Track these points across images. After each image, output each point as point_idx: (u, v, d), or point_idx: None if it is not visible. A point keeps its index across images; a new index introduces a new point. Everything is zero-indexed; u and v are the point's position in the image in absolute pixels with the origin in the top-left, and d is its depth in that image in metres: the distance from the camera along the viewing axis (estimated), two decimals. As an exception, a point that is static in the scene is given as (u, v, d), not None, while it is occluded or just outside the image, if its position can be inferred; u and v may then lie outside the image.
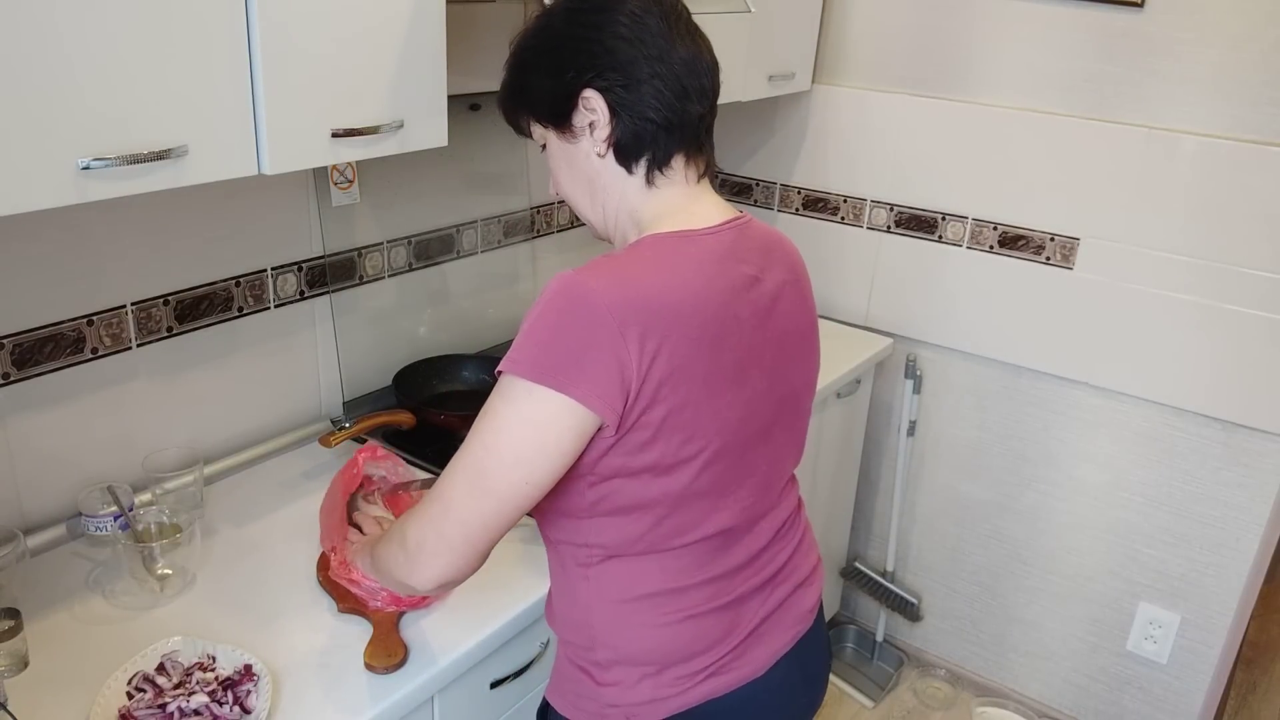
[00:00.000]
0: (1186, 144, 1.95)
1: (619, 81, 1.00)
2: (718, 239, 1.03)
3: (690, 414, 0.96)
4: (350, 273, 1.73)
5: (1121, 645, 2.29)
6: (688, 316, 0.95)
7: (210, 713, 1.06)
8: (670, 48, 1.01)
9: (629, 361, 0.91)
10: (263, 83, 1.10)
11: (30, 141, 0.92)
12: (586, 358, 0.91)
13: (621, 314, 0.91)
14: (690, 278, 0.97)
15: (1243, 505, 2.06)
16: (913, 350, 2.41)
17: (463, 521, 0.95)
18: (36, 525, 1.36)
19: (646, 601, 1.03)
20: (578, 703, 1.10)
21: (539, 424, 0.93)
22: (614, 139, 1.02)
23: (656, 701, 1.05)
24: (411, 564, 0.98)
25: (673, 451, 0.97)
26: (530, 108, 1.08)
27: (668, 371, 0.93)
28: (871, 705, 2.49)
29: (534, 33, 1.07)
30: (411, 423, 1.67)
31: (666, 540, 1.01)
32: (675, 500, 0.99)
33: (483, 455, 0.95)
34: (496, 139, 1.94)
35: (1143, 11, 1.94)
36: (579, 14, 1.03)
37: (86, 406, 1.39)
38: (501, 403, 0.95)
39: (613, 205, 1.07)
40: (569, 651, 1.11)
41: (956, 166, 2.23)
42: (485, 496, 0.94)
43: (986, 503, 2.41)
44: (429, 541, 0.97)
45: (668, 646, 1.04)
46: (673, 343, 0.93)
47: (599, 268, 0.95)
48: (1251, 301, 1.94)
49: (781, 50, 2.20)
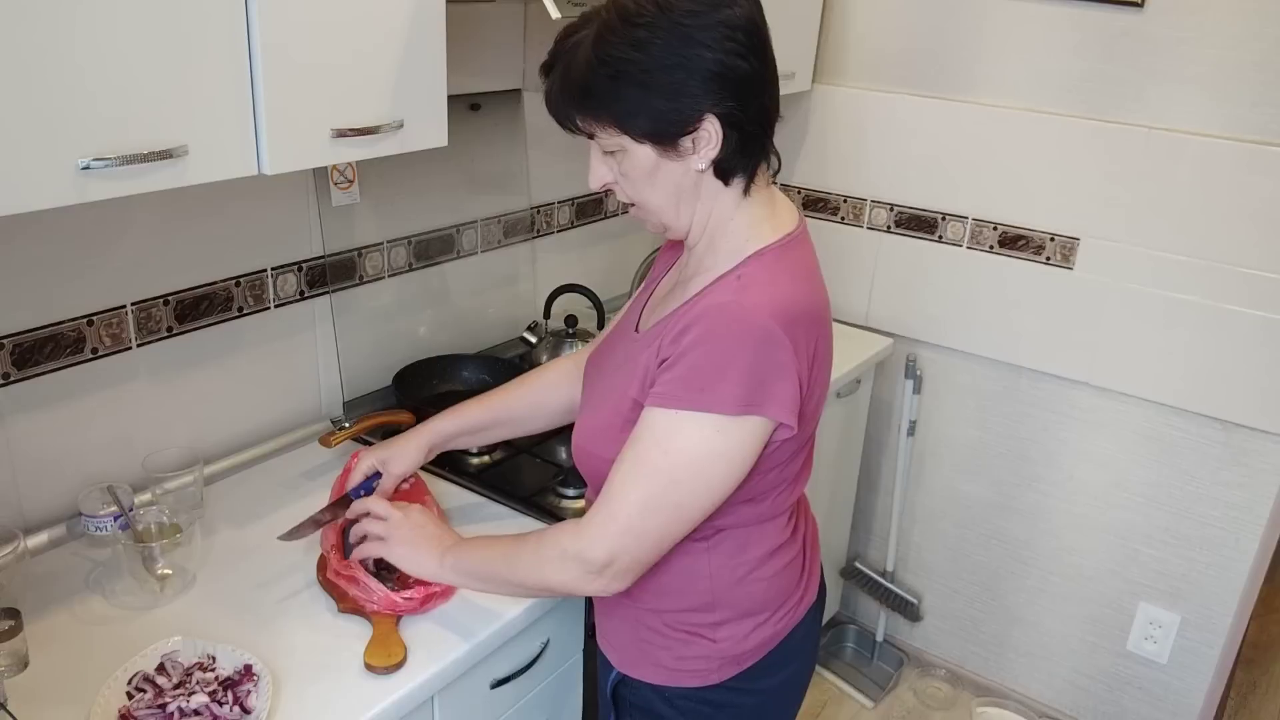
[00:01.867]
0: (1186, 144, 1.95)
1: (737, 105, 0.99)
2: (807, 241, 1.12)
3: (820, 403, 1.11)
4: (350, 273, 1.73)
5: (1121, 645, 2.29)
6: (820, 316, 1.07)
7: (210, 713, 1.06)
8: (769, 55, 1.03)
9: (802, 369, 1.01)
10: (263, 83, 1.10)
11: (31, 141, 0.92)
12: (771, 377, 0.99)
13: (789, 328, 0.99)
14: (814, 282, 1.09)
15: (1243, 505, 2.06)
16: (913, 350, 2.41)
17: (655, 545, 1.04)
18: (36, 525, 1.36)
19: (760, 560, 1.15)
20: (680, 665, 1.16)
21: (735, 452, 1.01)
22: (720, 157, 1.02)
23: (762, 644, 1.17)
24: (599, 579, 1.05)
25: (806, 436, 1.10)
26: (621, 121, 1.00)
27: (818, 370, 1.06)
28: (871, 705, 2.49)
29: (635, 42, 0.96)
30: (411, 422, 1.67)
31: (779, 509, 1.15)
32: (795, 477, 1.14)
33: (673, 490, 1.01)
34: (496, 139, 1.94)
35: (1143, 11, 1.94)
36: (692, 28, 0.96)
37: (86, 407, 1.39)
38: (689, 439, 0.99)
39: (704, 213, 1.08)
40: (672, 620, 1.16)
41: (956, 166, 2.23)
42: (676, 523, 1.04)
43: (987, 503, 2.41)
44: (621, 562, 1.04)
45: (775, 595, 1.17)
46: (819, 343, 1.05)
47: (750, 289, 1.01)
48: (1252, 301, 1.94)
49: (781, 50, 2.17)
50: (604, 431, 1.11)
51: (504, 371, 1.88)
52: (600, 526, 1.04)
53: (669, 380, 1.00)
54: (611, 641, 1.24)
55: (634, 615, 1.18)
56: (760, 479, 1.08)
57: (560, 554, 1.06)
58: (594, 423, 1.15)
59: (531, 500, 1.53)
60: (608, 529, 1.03)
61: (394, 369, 1.80)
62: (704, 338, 0.98)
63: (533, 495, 1.55)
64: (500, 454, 1.69)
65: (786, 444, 1.06)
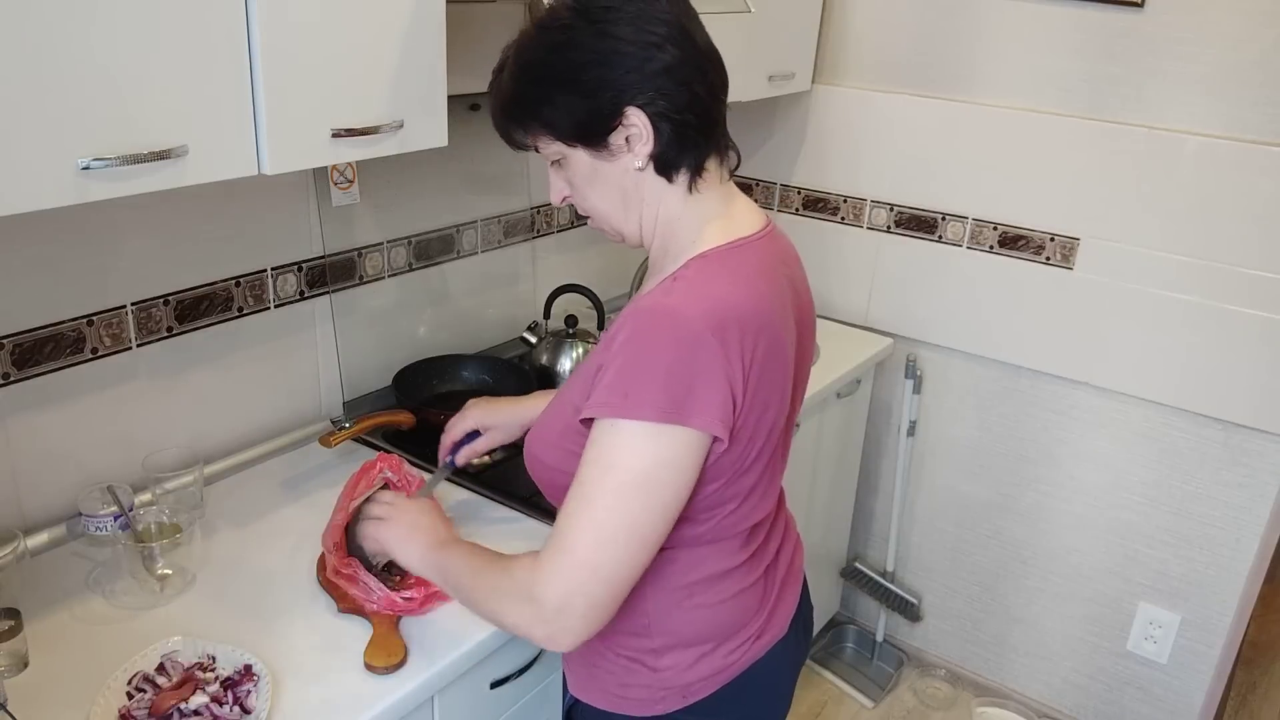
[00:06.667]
0: (1186, 144, 1.95)
1: (661, 94, 0.96)
2: (765, 246, 1.05)
3: (767, 415, 1.01)
4: (350, 273, 1.73)
5: (1121, 645, 2.29)
6: (765, 323, 0.98)
7: (210, 713, 1.06)
8: (696, 44, 0.98)
9: (735, 376, 0.94)
10: (263, 83, 1.10)
11: (31, 141, 0.92)
12: (698, 383, 0.92)
13: (720, 332, 0.93)
14: (760, 286, 1.00)
15: (1243, 505, 2.06)
16: (913, 350, 2.41)
17: (610, 581, 0.94)
18: (36, 525, 1.36)
19: (702, 585, 1.08)
20: (624, 692, 1.11)
21: (670, 462, 0.93)
22: (656, 152, 0.98)
23: (711, 676, 1.10)
24: (552, 625, 0.95)
25: (753, 453, 1.02)
26: (549, 126, 1.00)
27: (757, 379, 0.97)
28: (871, 705, 2.49)
29: (551, 46, 0.98)
30: (411, 423, 1.67)
31: (726, 530, 1.07)
32: (744, 496, 1.05)
33: (620, 512, 0.93)
34: (496, 139, 1.93)
35: (1143, 11, 1.94)
36: (606, 24, 0.95)
37: (86, 406, 1.39)
38: (624, 452, 0.92)
39: (650, 215, 1.04)
40: (614, 644, 1.11)
41: (956, 166, 2.23)
42: (629, 549, 0.94)
43: (986, 503, 2.41)
44: (576, 605, 0.94)
45: (722, 624, 1.10)
46: (760, 350, 0.97)
47: (679, 292, 0.96)
48: (1252, 301, 1.94)
49: (781, 50, 2.20)
50: (548, 436, 1.08)
51: (504, 372, 1.88)
52: (551, 561, 0.95)
53: (601, 387, 0.95)
54: (567, 662, 1.20)
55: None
56: (697, 495, 0.99)
57: (514, 587, 0.98)
58: (543, 426, 1.11)
59: (532, 501, 1.53)
60: (559, 563, 0.94)
61: (394, 369, 1.80)
62: (629, 340, 0.94)
63: (533, 496, 1.55)
64: (501, 454, 1.69)
65: (726, 459, 0.99)
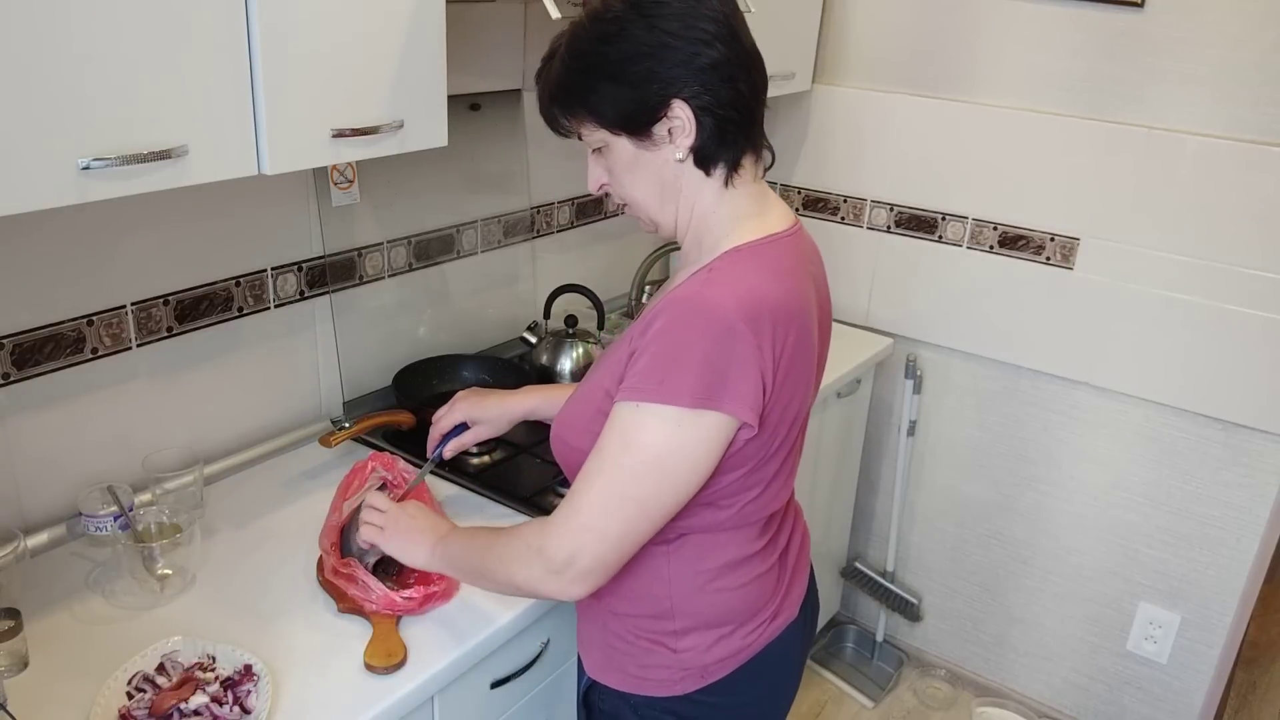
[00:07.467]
0: (1186, 144, 1.95)
1: (706, 89, 1.00)
2: (793, 243, 1.10)
3: (792, 405, 1.06)
4: (350, 273, 1.73)
5: (1121, 645, 2.30)
6: (794, 316, 1.03)
7: (210, 713, 1.06)
8: (742, 43, 1.02)
9: (766, 366, 0.99)
10: (263, 83, 1.10)
11: (31, 141, 0.92)
12: (732, 371, 0.97)
13: (753, 322, 0.97)
14: (788, 281, 1.04)
15: (1243, 505, 2.06)
16: (913, 350, 2.41)
17: (618, 544, 1.01)
18: (36, 525, 1.36)
19: (724, 570, 1.12)
20: (644, 673, 1.15)
21: (693, 447, 0.98)
22: (696, 144, 1.02)
23: (729, 657, 1.14)
24: (559, 579, 1.02)
25: (777, 441, 1.07)
26: (596, 114, 1.04)
27: (786, 370, 1.02)
28: (871, 705, 2.49)
29: (603, 37, 1.01)
30: (411, 423, 1.67)
31: (748, 517, 1.11)
32: (766, 483, 1.10)
33: (634, 485, 0.99)
34: (496, 139, 1.95)
35: (1143, 11, 1.94)
36: (657, 18, 0.99)
37: (86, 406, 1.39)
38: (648, 432, 0.98)
39: (686, 207, 1.08)
40: (633, 626, 1.15)
41: (956, 166, 2.23)
42: (639, 520, 1.00)
43: (986, 503, 2.41)
44: (583, 560, 1.01)
45: (741, 608, 1.14)
46: (789, 343, 1.01)
47: (715, 283, 1.00)
48: (1252, 301, 1.94)
49: (781, 50, 2.20)
50: (578, 421, 1.11)
51: (504, 371, 1.88)
52: (562, 522, 1.02)
53: (634, 373, 0.99)
54: (584, 645, 1.24)
55: (601, 619, 1.18)
56: (721, 482, 1.05)
57: (525, 548, 1.05)
58: (572, 412, 1.15)
59: (531, 500, 1.53)
60: (569, 524, 1.01)
61: (394, 369, 1.80)
62: (665, 329, 0.98)
63: (533, 495, 1.55)
64: (500, 454, 1.69)
65: (752, 446, 1.03)
